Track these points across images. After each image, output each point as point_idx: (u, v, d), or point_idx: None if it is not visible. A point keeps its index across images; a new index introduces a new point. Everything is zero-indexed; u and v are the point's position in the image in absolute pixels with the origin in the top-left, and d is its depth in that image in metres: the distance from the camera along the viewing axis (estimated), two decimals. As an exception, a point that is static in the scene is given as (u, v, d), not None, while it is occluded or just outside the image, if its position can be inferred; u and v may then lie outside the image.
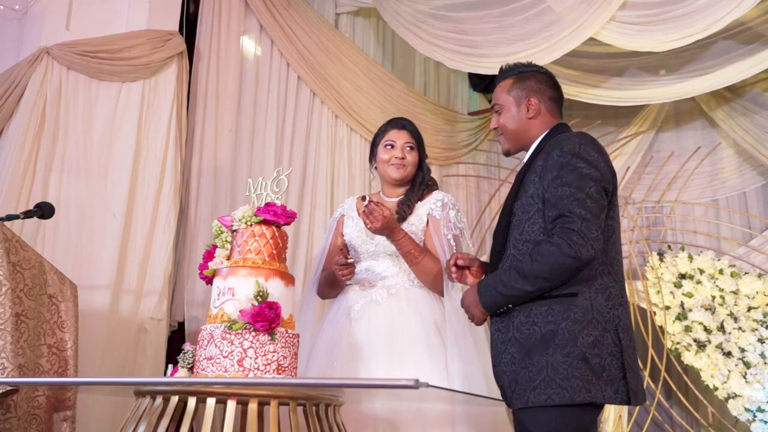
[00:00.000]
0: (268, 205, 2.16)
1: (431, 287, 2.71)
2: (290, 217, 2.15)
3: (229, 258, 2.16)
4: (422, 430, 2.39)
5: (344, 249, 2.70)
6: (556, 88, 2.37)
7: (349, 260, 2.62)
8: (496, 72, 5.09)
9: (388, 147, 2.84)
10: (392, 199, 2.87)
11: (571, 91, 5.22)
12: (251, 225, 2.14)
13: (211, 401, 1.83)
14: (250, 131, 4.57)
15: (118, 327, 3.68)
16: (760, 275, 4.90)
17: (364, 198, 2.73)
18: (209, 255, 2.18)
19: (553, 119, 2.32)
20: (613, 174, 2.16)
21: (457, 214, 2.80)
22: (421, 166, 2.88)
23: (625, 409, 4.90)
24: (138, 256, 3.83)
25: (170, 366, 2.27)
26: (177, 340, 4.14)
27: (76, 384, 2.42)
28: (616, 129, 5.92)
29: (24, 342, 2.28)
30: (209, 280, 2.19)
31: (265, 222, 2.13)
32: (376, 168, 2.93)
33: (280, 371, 1.96)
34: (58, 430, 2.41)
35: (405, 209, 2.76)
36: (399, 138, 2.84)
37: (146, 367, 3.73)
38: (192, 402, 1.85)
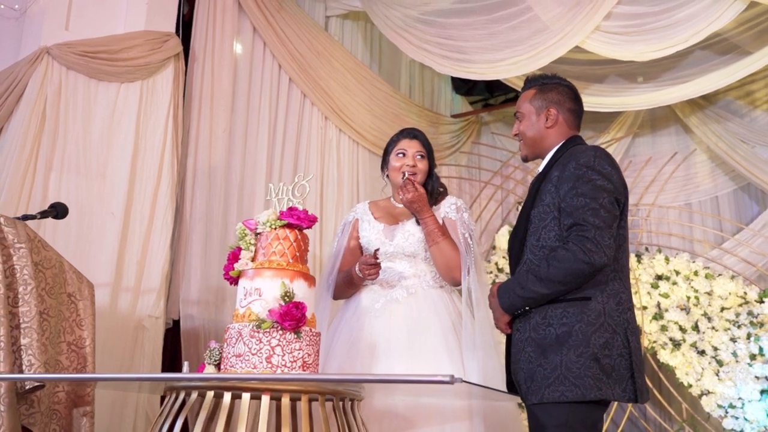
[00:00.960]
0: (290, 209, 2.25)
1: (446, 272, 2.82)
2: (312, 221, 2.25)
3: (253, 260, 2.24)
4: (441, 424, 2.51)
5: (376, 250, 2.80)
6: (577, 101, 2.49)
7: (378, 260, 2.73)
8: (484, 78, 5.30)
9: (400, 155, 2.97)
10: (402, 205, 2.98)
11: (554, 97, 5.39)
12: (275, 228, 2.22)
13: (246, 396, 1.92)
14: (243, 132, 4.65)
15: (116, 324, 3.73)
16: (732, 277, 5.12)
17: (403, 174, 2.84)
18: (234, 257, 2.27)
19: (570, 130, 2.45)
20: (625, 186, 2.31)
21: (469, 217, 2.97)
22: (431, 174, 3.01)
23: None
24: (136, 254, 3.89)
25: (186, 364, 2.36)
26: (172, 337, 4.20)
27: (109, 380, 2.49)
28: (595, 134, 6.09)
29: (46, 339, 2.34)
30: (234, 281, 2.28)
31: (288, 225, 2.23)
32: (387, 176, 3.05)
33: (305, 368, 2.06)
34: (78, 425, 2.47)
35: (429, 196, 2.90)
36: (410, 147, 2.98)
37: (144, 364, 3.79)
38: (227, 397, 1.93)
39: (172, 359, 4.16)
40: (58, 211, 2.86)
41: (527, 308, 2.25)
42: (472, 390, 2.01)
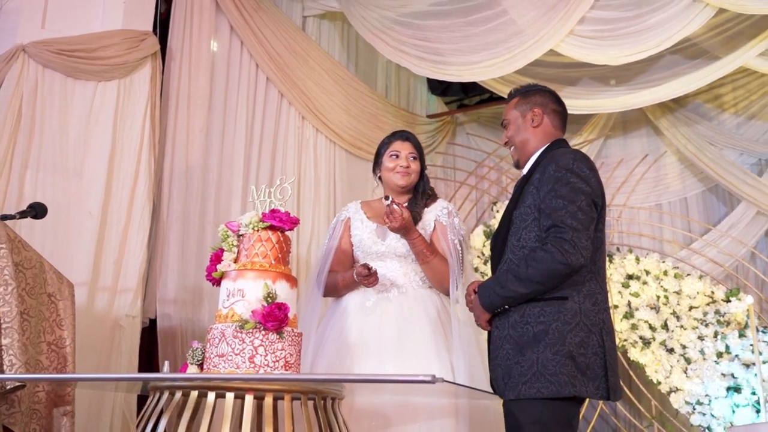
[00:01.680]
0: (273, 211, 2.28)
1: (438, 286, 2.90)
2: (294, 223, 2.28)
3: (236, 261, 2.27)
4: (429, 420, 2.56)
5: (362, 264, 2.82)
6: (560, 103, 2.58)
7: (372, 270, 2.77)
8: (461, 79, 5.36)
9: (393, 156, 3.03)
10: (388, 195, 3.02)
11: (528, 99, 5.47)
12: (258, 230, 2.25)
13: (230, 396, 1.95)
14: (220, 131, 4.65)
15: (93, 324, 3.72)
16: (700, 276, 5.25)
17: (386, 197, 2.87)
18: (217, 258, 2.29)
19: (555, 131, 2.53)
20: (602, 190, 2.38)
21: (460, 222, 3.04)
22: (422, 175, 3.08)
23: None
24: (113, 253, 3.88)
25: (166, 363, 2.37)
26: (148, 336, 4.20)
27: (93, 380, 2.50)
28: (567, 136, 6.12)
29: (26, 339, 2.34)
30: (216, 282, 2.30)
31: (271, 227, 2.26)
32: (380, 177, 3.11)
33: (288, 368, 2.09)
34: (59, 425, 2.47)
35: (415, 217, 2.93)
36: (403, 149, 3.04)
37: (121, 363, 3.79)
38: (212, 396, 1.96)
39: (148, 358, 4.16)
40: (37, 211, 2.85)
41: (506, 307, 2.31)
42: (457, 389, 2.05)
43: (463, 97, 6.62)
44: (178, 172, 4.37)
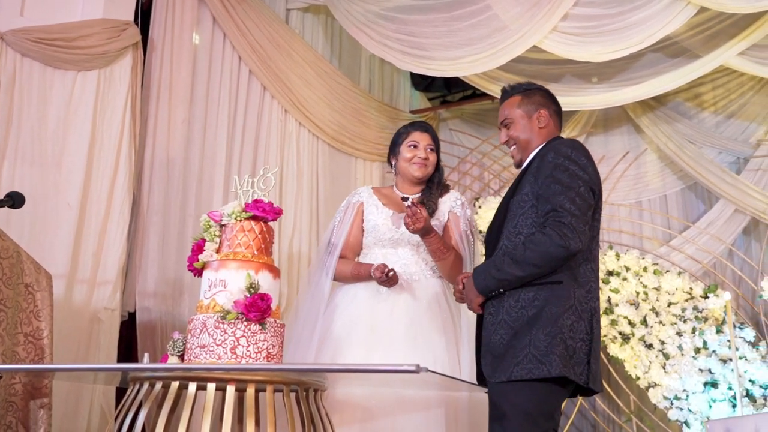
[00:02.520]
0: (256, 201, 2.26)
1: (450, 279, 2.92)
2: (278, 213, 2.27)
3: (218, 251, 2.25)
4: (419, 412, 2.57)
5: (381, 265, 2.79)
6: (557, 102, 2.61)
7: (390, 273, 2.76)
8: (444, 74, 5.36)
9: (412, 147, 3.03)
10: (407, 195, 3.06)
11: (511, 95, 5.49)
12: (240, 220, 2.23)
13: (211, 387, 1.92)
14: (202, 123, 4.61)
15: (71, 316, 3.67)
16: (679, 273, 5.29)
17: (405, 199, 2.89)
18: (198, 248, 2.26)
19: (556, 130, 2.57)
20: (599, 179, 2.40)
21: (471, 213, 3.09)
22: (438, 167, 3.10)
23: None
24: (92, 245, 3.83)
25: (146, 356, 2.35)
26: (127, 330, 4.15)
27: (72, 371, 2.46)
28: (549, 132, 6.21)
29: (2, 330, 2.30)
30: (198, 272, 2.27)
31: (254, 218, 2.24)
32: (395, 165, 3.10)
33: (270, 359, 2.08)
34: (35, 417, 2.44)
35: (432, 206, 2.97)
36: (422, 139, 3.05)
37: (99, 356, 3.74)
38: (192, 387, 1.94)
39: (127, 352, 4.12)
40: (14, 200, 2.80)
41: (501, 291, 2.31)
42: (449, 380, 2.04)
43: (446, 94, 6.62)
44: (158, 164, 4.33)
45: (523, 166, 2.50)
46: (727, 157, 5.95)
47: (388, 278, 2.76)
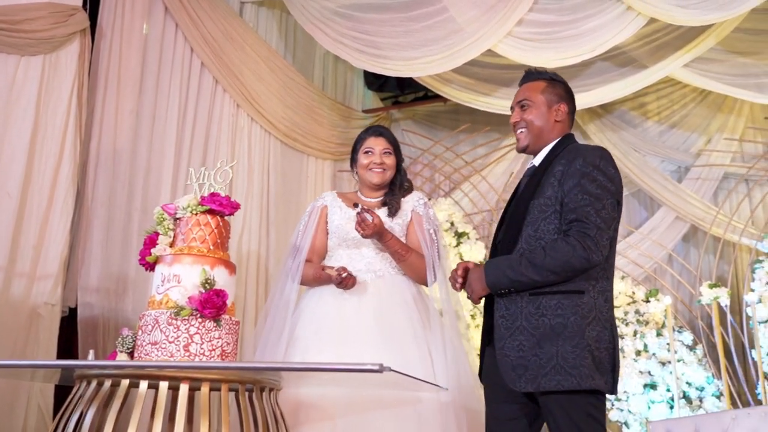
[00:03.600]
0: (212, 195, 2.20)
1: (416, 278, 2.93)
2: (235, 207, 2.21)
3: (172, 245, 2.18)
4: (388, 410, 2.55)
5: (341, 269, 2.79)
6: (574, 102, 2.60)
7: (344, 275, 2.75)
8: (399, 74, 5.35)
9: (368, 153, 3.02)
10: (371, 199, 3.06)
11: (464, 98, 5.54)
12: (196, 214, 2.17)
13: (163, 385, 1.86)
14: (150, 115, 4.49)
15: (8, 311, 3.53)
16: (623, 277, 5.42)
17: (355, 204, 2.86)
18: (151, 242, 2.19)
19: (568, 129, 2.54)
20: (622, 189, 2.39)
21: (434, 213, 3.08)
22: (399, 169, 3.07)
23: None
24: (33, 238, 3.69)
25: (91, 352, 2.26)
26: (67, 326, 4.01)
27: (13, 367, 2.33)
28: (500, 136, 6.29)
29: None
30: (150, 267, 2.20)
31: (210, 211, 2.18)
32: (356, 172, 3.10)
33: (224, 357, 2.02)
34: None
35: (395, 206, 2.98)
36: (377, 144, 3.03)
37: (39, 353, 3.60)
38: (144, 386, 1.87)
39: (67, 349, 3.97)
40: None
41: (509, 290, 2.29)
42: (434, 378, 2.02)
43: (398, 94, 6.62)
44: (104, 156, 4.19)
45: (539, 164, 2.45)
46: (669, 165, 6.14)
47: (343, 279, 2.75)
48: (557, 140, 2.48)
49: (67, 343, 4.01)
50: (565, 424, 2.19)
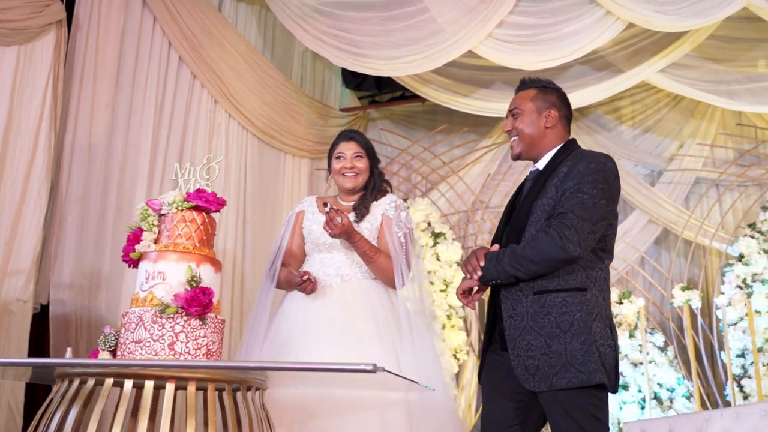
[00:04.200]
0: (198, 191, 2.17)
1: (386, 281, 2.93)
2: (221, 204, 2.18)
3: (156, 242, 2.14)
4: (365, 411, 2.54)
5: (302, 273, 2.83)
6: (570, 107, 2.59)
7: (305, 278, 2.79)
8: (380, 73, 5.35)
9: (340, 158, 3.02)
10: (348, 203, 3.06)
11: (442, 98, 5.55)
12: (182, 210, 2.14)
13: (149, 384, 1.82)
14: (127, 109, 4.41)
15: (-21, 308, 3.44)
16: (597, 279, 5.48)
17: (326, 204, 2.88)
18: (135, 238, 2.15)
19: (565, 134, 2.54)
20: (619, 194, 2.41)
21: (407, 215, 3.05)
22: (373, 171, 3.06)
23: (475, 398, 5.32)
24: (5, 233, 3.60)
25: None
26: (38, 323, 3.93)
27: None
28: (477, 137, 6.31)
29: None
30: (134, 263, 2.16)
31: (196, 208, 2.14)
32: (332, 177, 3.11)
33: (209, 356, 1.99)
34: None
35: (362, 211, 2.97)
36: (347, 149, 3.02)
37: (10, 350, 3.52)
38: (128, 385, 1.83)
39: (38, 347, 3.89)
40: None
41: (497, 282, 2.32)
42: (400, 380, 2.02)
43: (376, 93, 6.61)
44: (79, 150, 4.11)
45: (544, 168, 2.47)
46: (642, 169, 6.23)
47: (303, 283, 2.79)
48: (561, 145, 2.50)
49: (39, 340, 3.92)
50: (568, 427, 2.21)
